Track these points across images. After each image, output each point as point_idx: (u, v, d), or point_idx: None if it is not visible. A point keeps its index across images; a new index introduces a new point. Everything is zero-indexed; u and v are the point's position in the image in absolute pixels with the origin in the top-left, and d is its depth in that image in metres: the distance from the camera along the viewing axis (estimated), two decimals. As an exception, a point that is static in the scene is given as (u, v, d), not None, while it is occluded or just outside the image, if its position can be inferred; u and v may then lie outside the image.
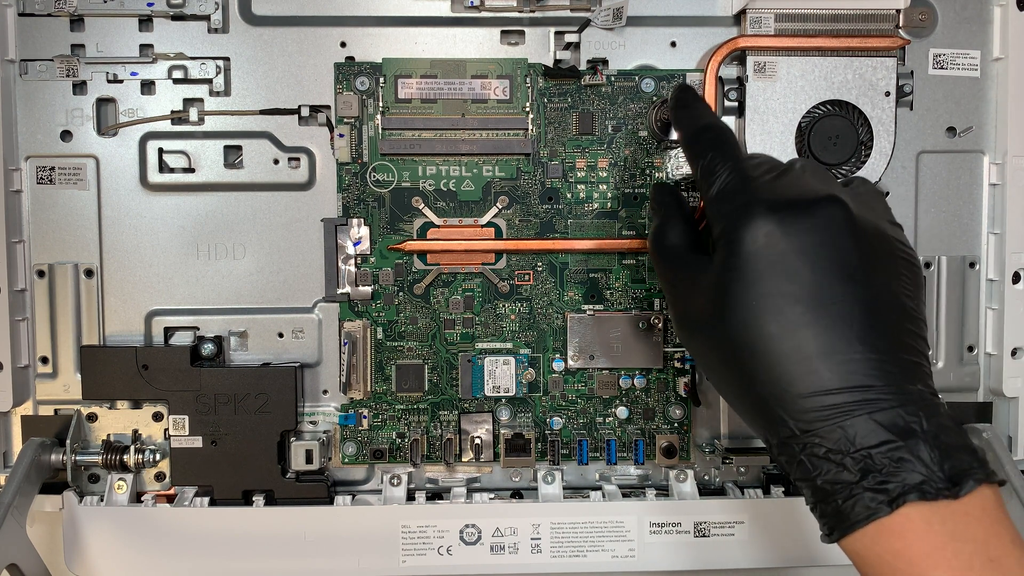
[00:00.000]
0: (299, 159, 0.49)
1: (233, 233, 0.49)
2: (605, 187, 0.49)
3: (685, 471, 0.50)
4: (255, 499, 0.48)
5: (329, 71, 0.48)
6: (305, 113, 0.48)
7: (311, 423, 0.50)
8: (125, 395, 0.49)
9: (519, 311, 0.49)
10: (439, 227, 0.49)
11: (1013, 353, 0.50)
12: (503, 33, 0.49)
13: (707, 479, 0.51)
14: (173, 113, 0.48)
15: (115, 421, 0.49)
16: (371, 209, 0.49)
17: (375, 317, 0.49)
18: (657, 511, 0.48)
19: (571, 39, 0.49)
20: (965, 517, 0.31)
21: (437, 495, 0.50)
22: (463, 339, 0.49)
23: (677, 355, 0.49)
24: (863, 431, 0.32)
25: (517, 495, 0.51)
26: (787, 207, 0.35)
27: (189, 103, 0.48)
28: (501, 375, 0.49)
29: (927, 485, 0.31)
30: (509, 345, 0.50)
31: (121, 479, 0.48)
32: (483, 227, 0.49)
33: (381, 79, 0.48)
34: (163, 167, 0.49)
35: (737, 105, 0.49)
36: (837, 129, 0.48)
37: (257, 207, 0.49)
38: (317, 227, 0.49)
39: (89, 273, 0.49)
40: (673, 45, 0.49)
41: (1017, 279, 0.49)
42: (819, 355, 0.33)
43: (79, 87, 0.48)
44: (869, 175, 0.48)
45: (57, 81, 0.48)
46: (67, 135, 0.48)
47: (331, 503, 0.48)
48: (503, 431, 0.49)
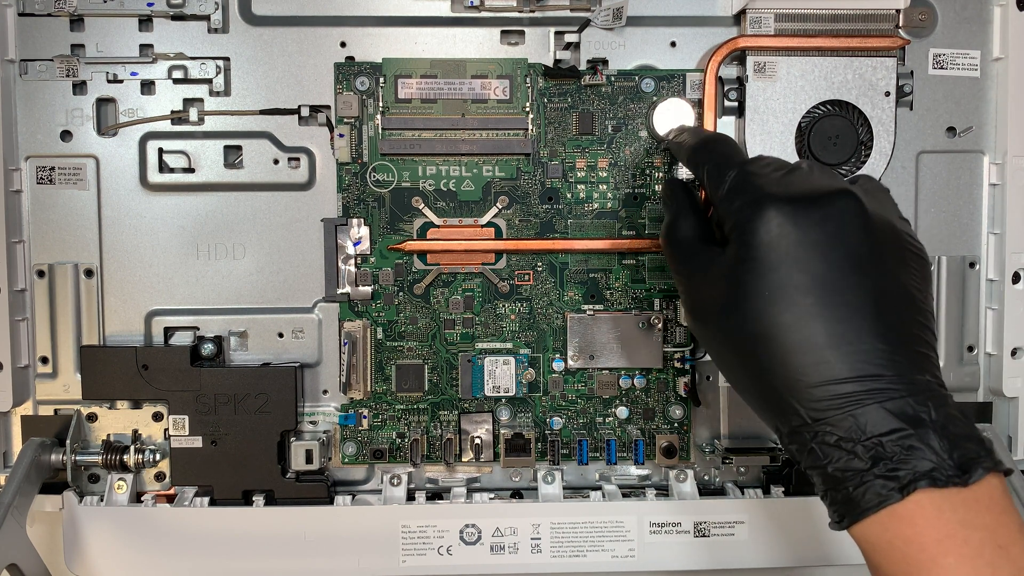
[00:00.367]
0: (299, 159, 0.49)
1: (233, 233, 0.49)
2: (605, 187, 0.49)
3: (685, 471, 0.50)
4: (255, 499, 0.48)
5: (329, 71, 0.48)
6: (305, 113, 0.48)
7: (311, 423, 0.50)
8: (125, 395, 0.49)
9: (519, 311, 0.49)
10: (439, 227, 0.49)
11: (1013, 353, 0.50)
12: (503, 33, 0.49)
13: (707, 479, 0.51)
14: (173, 113, 0.48)
15: (115, 421, 0.49)
16: (371, 209, 0.49)
17: (375, 317, 0.49)
18: (657, 511, 0.48)
19: (571, 39, 0.49)
20: (975, 505, 0.31)
21: (437, 495, 0.50)
22: (463, 339, 0.49)
23: (677, 355, 0.49)
24: (874, 419, 0.32)
25: (517, 495, 0.51)
26: (799, 200, 0.35)
27: (189, 103, 0.48)
28: (501, 375, 0.49)
29: (937, 472, 0.31)
30: (509, 345, 0.50)
31: (121, 479, 0.48)
32: (483, 227, 0.49)
33: (381, 79, 0.48)
34: (163, 167, 0.49)
35: (737, 105, 0.49)
36: (837, 129, 0.48)
37: (257, 207, 0.49)
38: (317, 227, 0.49)
39: (89, 273, 0.49)
40: (673, 45, 0.49)
41: (1017, 279, 0.49)
42: (830, 345, 0.33)
43: (79, 87, 0.48)
44: (869, 175, 0.48)
45: (57, 81, 0.48)
46: (67, 135, 0.48)
47: (331, 503, 0.48)
48: (503, 431, 0.49)
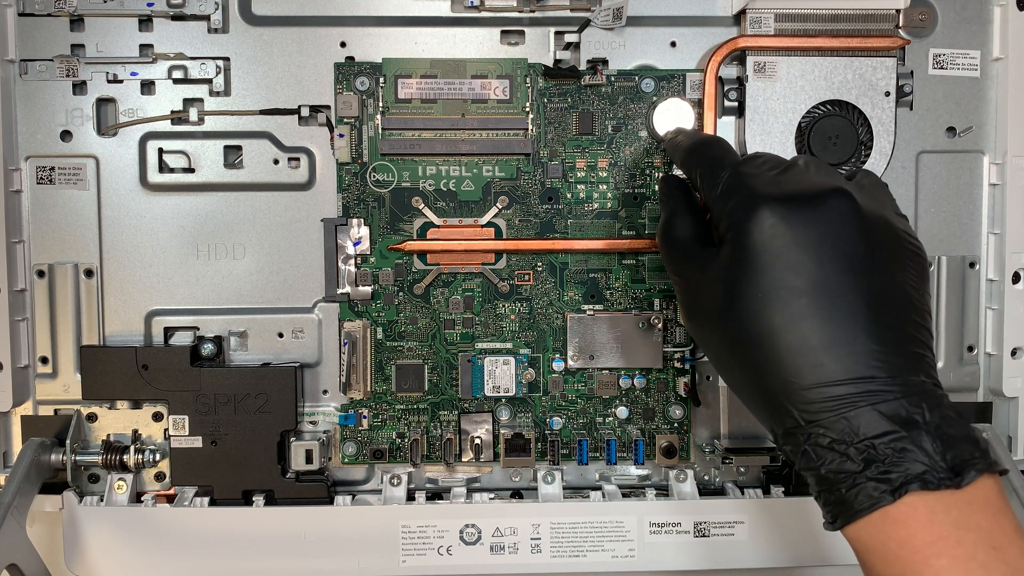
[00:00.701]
0: (299, 159, 0.49)
1: (233, 233, 0.49)
2: (605, 187, 0.49)
3: (685, 471, 0.50)
4: (255, 499, 0.48)
5: (329, 71, 0.48)
6: (305, 113, 0.48)
7: (311, 423, 0.50)
8: (125, 395, 0.49)
9: (519, 311, 0.49)
10: (439, 227, 0.49)
11: (1013, 353, 0.50)
12: (503, 33, 0.49)
13: (707, 479, 0.51)
14: (173, 113, 0.48)
15: (115, 421, 0.49)
16: (371, 209, 0.49)
17: (375, 317, 0.49)
18: (657, 511, 0.48)
19: (571, 39, 0.49)
20: (969, 506, 0.31)
21: (437, 495, 0.50)
22: (463, 339, 0.49)
23: (677, 355, 0.49)
24: (866, 422, 0.32)
25: (517, 495, 0.51)
26: (792, 200, 0.35)
27: (189, 103, 0.48)
28: (501, 375, 0.49)
29: (929, 475, 0.31)
30: (509, 345, 0.50)
31: (121, 479, 0.48)
32: (483, 227, 0.49)
33: (381, 79, 0.48)
34: (163, 167, 0.49)
35: (737, 105, 0.49)
36: (837, 129, 0.48)
37: (257, 207, 0.49)
38: (317, 227, 0.49)
39: (89, 273, 0.49)
40: (673, 45, 0.49)
41: (1017, 279, 0.49)
42: (824, 347, 0.33)
43: (79, 87, 0.48)
44: (869, 175, 0.48)
45: (57, 81, 0.48)
46: (67, 135, 0.48)
47: (331, 503, 0.48)
48: (503, 431, 0.49)
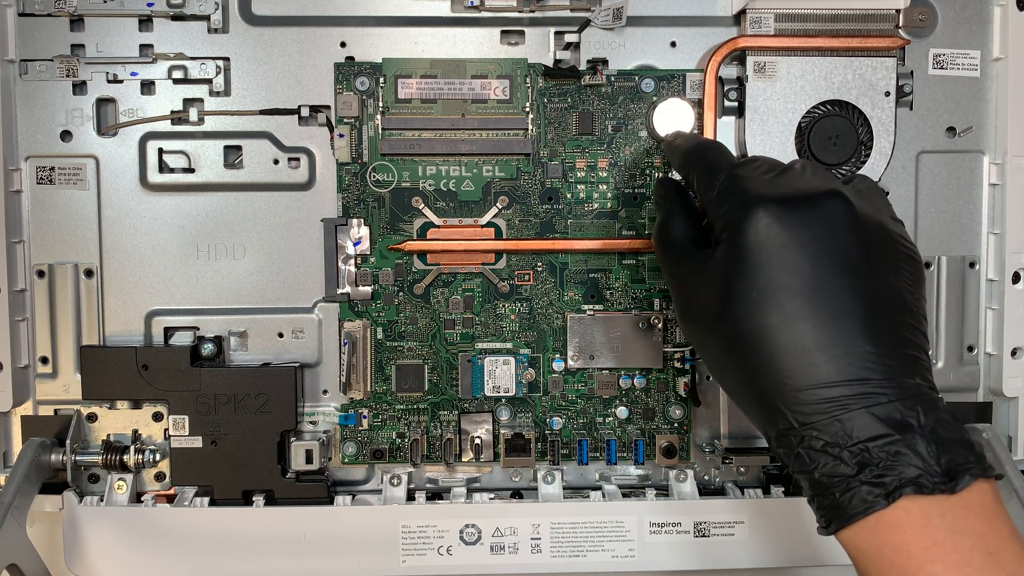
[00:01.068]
0: (299, 159, 0.49)
1: (233, 233, 0.49)
2: (605, 187, 0.49)
3: (685, 471, 0.50)
4: (255, 499, 0.48)
5: (329, 71, 0.48)
6: (305, 113, 0.48)
7: (311, 423, 0.50)
8: (125, 395, 0.49)
9: (519, 311, 0.49)
10: (439, 227, 0.49)
11: (1013, 353, 0.50)
12: (503, 33, 0.49)
13: (707, 479, 0.51)
14: (173, 113, 0.48)
15: (115, 421, 0.49)
16: (371, 209, 0.49)
17: (375, 317, 0.49)
18: (657, 511, 0.48)
19: (571, 39, 0.49)
20: (964, 512, 0.31)
21: (437, 495, 0.50)
22: (463, 339, 0.49)
23: (677, 355, 0.49)
24: (860, 425, 0.32)
25: (517, 495, 0.51)
26: (789, 201, 0.35)
27: (189, 103, 0.48)
28: (501, 375, 0.49)
29: (923, 479, 0.31)
30: (509, 345, 0.50)
31: (121, 479, 0.48)
32: (483, 227, 0.49)
33: (381, 79, 0.48)
34: (163, 167, 0.49)
35: (737, 105, 0.49)
36: (837, 129, 0.48)
37: (257, 207, 0.49)
38: (317, 227, 0.49)
39: (89, 273, 0.49)
40: (673, 45, 0.49)
41: (1017, 279, 0.49)
42: (818, 348, 0.33)
43: (79, 87, 0.48)
44: (869, 175, 0.48)
45: (57, 81, 0.48)
46: (67, 135, 0.48)
47: (331, 503, 0.48)
48: (503, 431, 0.49)
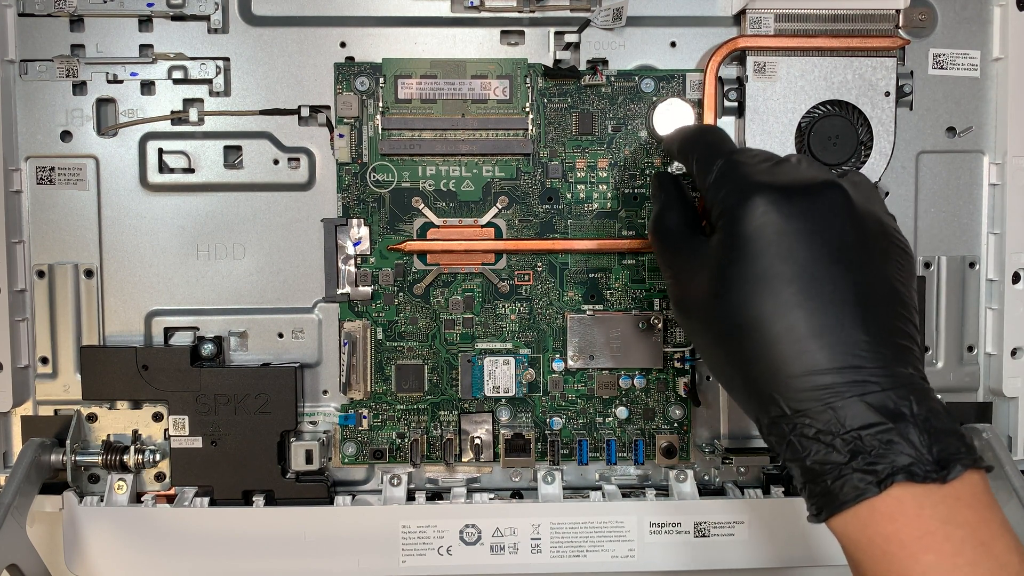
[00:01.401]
0: (299, 159, 0.49)
1: (233, 233, 0.49)
2: (605, 187, 0.49)
3: (685, 471, 0.50)
4: (255, 499, 0.48)
5: (329, 71, 0.48)
6: (305, 113, 0.48)
7: (311, 423, 0.50)
8: (125, 395, 0.49)
9: (519, 311, 0.49)
10: (439, 227, 0.49)
11: (1013, 353, 0.50)
12: (503, 33, 0.49)
13: (707, 479, 0.51)
14: (173, 113, 0.48)
15: (115, 421, 0.49)
16: (371, 209, 0.49)
17: (375, 317, 0.49)
18: (657, 511, 0.48)
19: (571, 39, 0.49)
20: (956, 502, 0.31)
21: (437, 495, 0.50)
22: (463, 339, 0.49)
23: (677, 355, 0.49)
24: (853, 412, 0.32)
25: (517, 495, 0.51)
26: (785, 189, 0.35)
27: (189, 103, 0.48)
28: (501, 375, 0.49)
29: (916, 467, 0.31)
30: (509, 345, 0.50)
31: (121, 479, 0.48)
32: (483, 227, 0.49)
33: (381, 79, 0.48)
34: (163, 167, 0.49)
35: (737, 105, 0.49)
36: (837, 129, 0.48)
37: (257, 207, 0.49)
38: (317, 227, 0.49)
39: (89, 273, 0.49)
40: (673, 45, 0.49)
41: (1017, 279, 0.49)
42: (811, 335, 0.33)
43: (79, 87, 0.48)
44: (869, 175, 0.48)
45: (57, 81, 0.48)
46: (67, 135, 0.48)
47: (331, 503, 0.48)
48: (503, 431, 0.49)
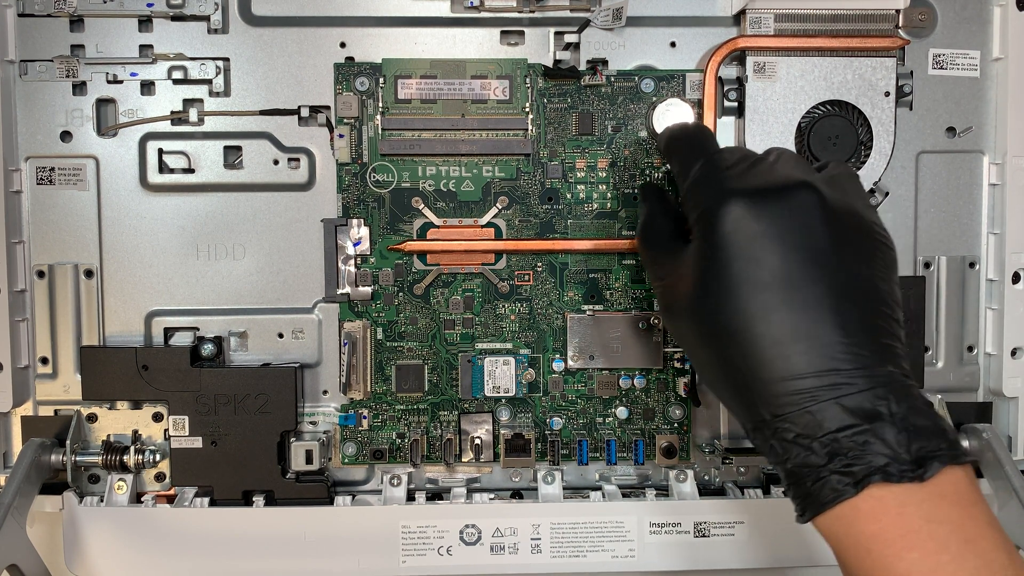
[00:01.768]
0: (299, 159, 0.49)
1: (233, 234, 0.49)
2: (605, 187, 0.49)
3: (685, 471, 0.50)
4: (255, 499, 0.48)
5: (329, 71, 0.48)
6: (305, 113, 0.48)
7: (311, 423, 0.50)
8: (125, 396, 0.49)
9: (519, 311, 0.49)
10: (439, 227, 0.49)
11: (1013, 353, 0.50)
12: (503, 33, 0.49)
13: (707, 479, 0.51)
14: (173, 114, 0.48)
15: (115, 421, 0.49)
16: (371, 209, 0.49)
17: (375, 317, 0.49)
18: (657, 511, 0.48)
19: (571, 39, 0.49)
20: (940, 500, 0.31)
21: (437, 495, 0.50)
22: (463, 339, 0.49)
23: (677, 355, 0.49)
24: (830, 415, 0.32)
25: (517, 495, 0.51)
26: (757, 193, 0.36)
27: (189, 103, 0.48)
28: (501, 375, 0.49)
29: (891, 467, 0.31)
30: (509, 345, 0.50)
31: (121, 479, 0.48)
32: (483, 227, 0.49)
33: (381, 79, 0.48)
34: (163, 168, 0.49)
35: (737, 105, 0.49)
36: (837, 129, 0.48)
37: (257, 207, 0.49)
38: (317, 227, 0.49)
39: (89, 274, 0.49)
40: (673, 45, 0.49)
41: (1017, 279, 0.49)
42: (788, 340, 0.33)
43: (79, 88, 0.48)
44: (869, 175, 0.48)
45: (57, 82, 0.48)
46: (67, 136, 0.48)
47: (331, 503, 0.48)
48: (503, 431, 0.49)
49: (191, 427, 0.48)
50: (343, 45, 0.48)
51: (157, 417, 0.49)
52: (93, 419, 0.49)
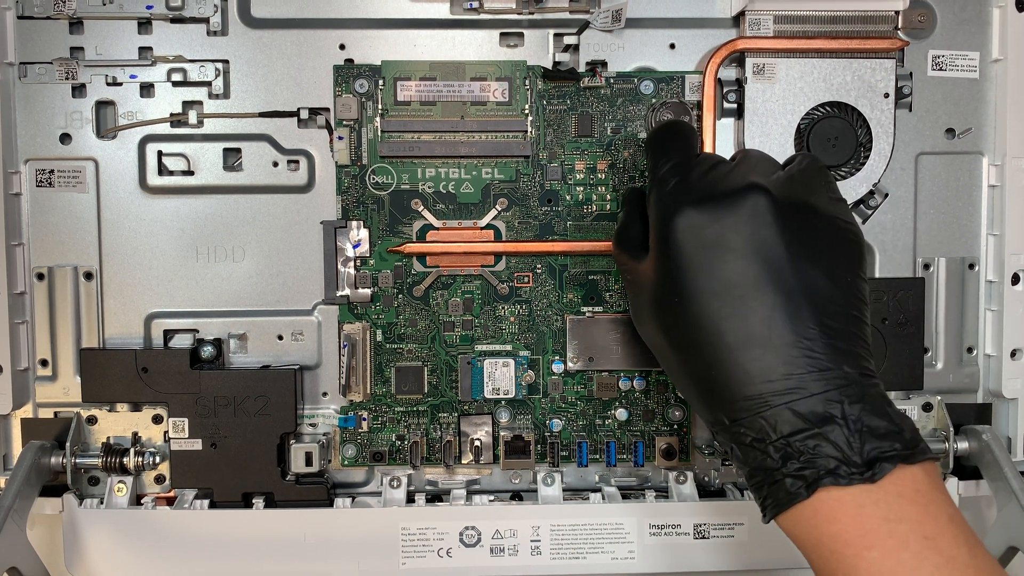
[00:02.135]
0: (298, 161, 0.49)
1: (232, 235, 0.49)
2: (604, 189, 0.49)
3: (685, 473, 0.50)
4: (255, 501, 0.48)
5: (328, 73, 0.48)
6: (304, 115, 0.48)
7: (311, 425, 0.50)
8: (125, 398, 0.49)
9: (518, 313, 0.49)
10: (438, 229, 0.49)
11: (1012, 354, 0.50)
12: (502, 35, 0.49)
13: (707, 481, 0.51)
14: (172, 116, 0.48)
15: (115, 424, 0.49)
16: (370, 211, 0.49)
17: (374, 319, 0.49)
18: (657, 513, 0.48)
19: (570, 41, 0.49)
20: (898, 499, 0.31)
21: (437, 497, 0.50)
22: (462, 341, 0.49)
23: (676, 357, 0.49)
24: (782, 420, 0.33)
25: (517, 497, 0.51)
26: (706, 201, 0.36)
27: (188, 106, 0.48)
28: (500, 377, 0.49)
29: (841, 470, 0.32)
30: (508, 347, 0.50)
31: (121, 482, 0.48)
32: (482, 229, 0.49)
33: (380, 81, 0.48)
34: (162, 170, 0.49)
35: (736, 107, 0.49)
36: (836, 131, 0.48)
37: (256, 209, 0.49)
38: (316, 229, 0.49)
39: (88, 276, 0.49)
40: (672, 47, 0.49)
41: (1016, 280, 0.49)
42: (741, 347, 0.34)
43: (78, 90, 0.48)
44: (868, 176, 0.48)
45: (56, 84, 0.48)
46: (66, 138, 0.48)
47: (331, 505, 0.48)
48: (503, 433, 0.49)
49: (191, 429, 0.48)
50: (342, 47, 0.48)
51: (157, 419, 0.49)
52: (93, 421, 0.49)
